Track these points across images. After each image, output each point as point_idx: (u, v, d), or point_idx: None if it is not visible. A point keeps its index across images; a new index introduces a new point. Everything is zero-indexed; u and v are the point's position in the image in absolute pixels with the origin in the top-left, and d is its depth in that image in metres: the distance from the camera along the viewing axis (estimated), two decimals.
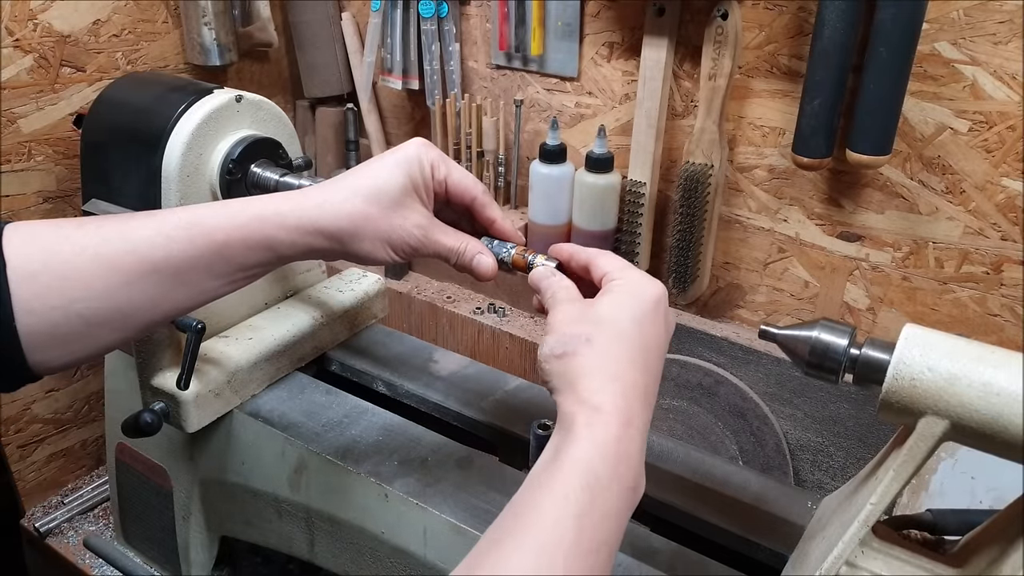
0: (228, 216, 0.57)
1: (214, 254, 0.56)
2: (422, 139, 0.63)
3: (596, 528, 0.45)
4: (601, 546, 0.45)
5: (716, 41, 1.07)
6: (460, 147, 1.31)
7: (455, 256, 0.63)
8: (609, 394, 0.49)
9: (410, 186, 0.60)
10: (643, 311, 0.54)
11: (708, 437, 1.15)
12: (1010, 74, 0.94)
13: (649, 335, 0.53)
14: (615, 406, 0.49)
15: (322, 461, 0.77)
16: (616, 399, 0.49)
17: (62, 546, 1.13)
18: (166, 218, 0.57)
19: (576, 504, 0.45)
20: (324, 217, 0.58)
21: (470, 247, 0.63)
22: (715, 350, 1.15)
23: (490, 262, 0.63)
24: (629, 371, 0.51)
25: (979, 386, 0.45)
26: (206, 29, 1.27)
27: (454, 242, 0.62)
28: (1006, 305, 1.03)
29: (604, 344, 0.51)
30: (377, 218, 0.59)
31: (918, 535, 0.58)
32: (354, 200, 0.59)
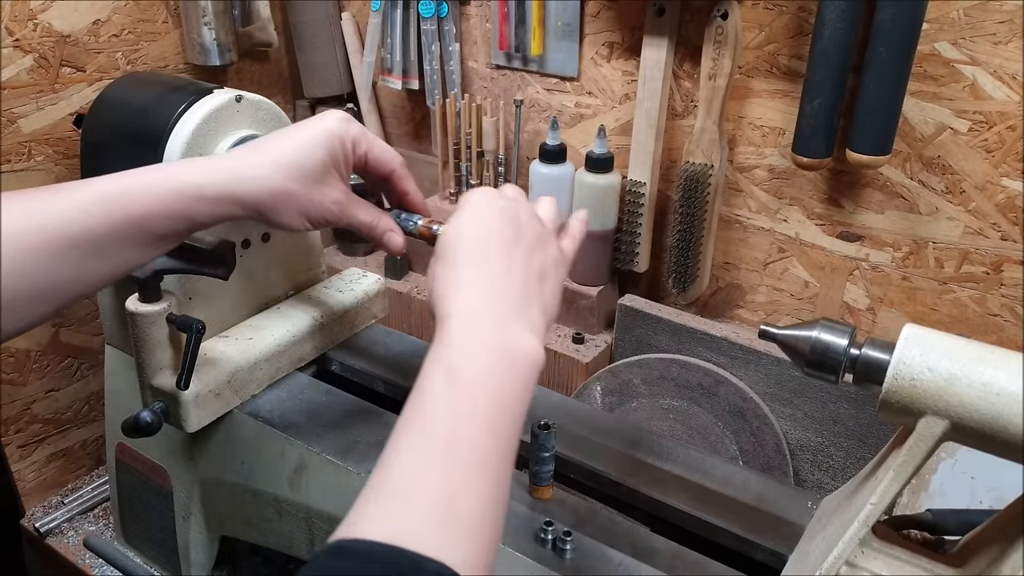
0: (146, 188, 0.58)
1: (133, 227, 0.57)
2: (342, 113, 0.65)
3: (470, 411, 0.46)
4: (476, 412, 0.46)
5: (716, 41, 1.07)
6: (460, 147, 1.31)
7: (368, 230, 0.67)
8: (445, 297, 0.53)
9: (330, 163, 0.63)
10: (466, 216, 0.57)
11: (708, 437, 1.15)
12: (1010, 74, 0.94)
13: (478, 232, 0.56)
14: (455, 308, 0.52)
15: (322, 461, 0.77)
16: (453, 301, 0.52)
17: (62, 546, 1.13)
18: (80, 191, 0.57)
19: (444, 396, 0.47)
20: (244, 191, 0.60)
21: (382, 223, 0.68)
22: (715, 350, 1.15)
23: (399, 239, 0.69)
24: (465, 272, 0.54)
25: (979, 386, 0.45)
26: (206, 29, 1.27)
27: (367, 217, 0.67)
28: (1006, 305, 1.03)
29: (440, 260, 0.56)
30: (297, 194, 0.61)
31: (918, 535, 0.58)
32: (274, 177, 0.60)
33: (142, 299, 0.78)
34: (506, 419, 0.48)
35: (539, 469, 0.71)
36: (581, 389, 1.22)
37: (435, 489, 0.42)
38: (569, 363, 1.23)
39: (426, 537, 0.40)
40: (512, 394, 0.49)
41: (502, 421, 0.47)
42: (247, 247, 0.88)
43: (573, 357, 1.22)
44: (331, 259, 1.49)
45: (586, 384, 1.22)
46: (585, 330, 1.28)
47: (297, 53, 1.48)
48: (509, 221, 0.57)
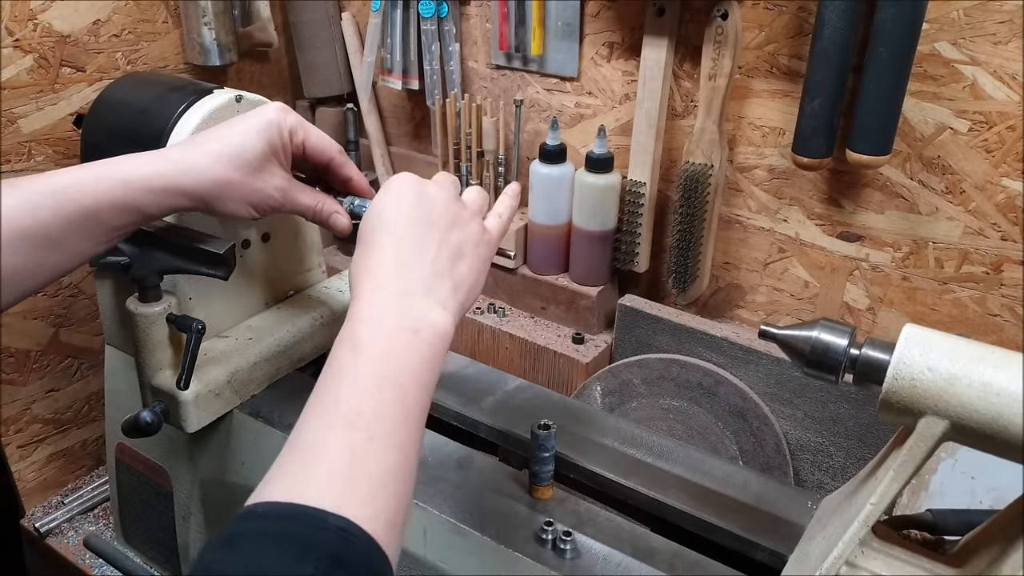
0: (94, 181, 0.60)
1: (85, 219, 0.59)
2: (280, 104, 0.67)
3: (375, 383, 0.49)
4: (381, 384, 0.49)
5: (716, 41, 1.07)
6: (460, 147, 1.31)
7: (312, 213, 0.70)
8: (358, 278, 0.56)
9: (269, 152, 0.65)
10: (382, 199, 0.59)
11: (708, 437, 1.15)
12: (1010, 74, 0.94)
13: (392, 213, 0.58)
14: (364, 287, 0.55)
15: None
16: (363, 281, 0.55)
17: (62, 546, 1.13)
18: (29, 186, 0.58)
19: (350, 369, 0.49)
20: (189, 182, 0.62)
21: (327, 206, 0.70)
22: (715, 350, 1.15)
23: (344, 220, 0.70)
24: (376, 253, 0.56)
25: (979, 386, 0.45)
26: (206, 29, 1.27)
27: (311, 200, 0.69)
28: (1006, 305, 1.03)
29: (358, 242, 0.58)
30: (240, 183, 0.64)
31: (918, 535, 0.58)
32: (216, 167, 0.63)
33: (142, 299, 0.78)
34: (411, 389, 0.50)
35: (539, 469, 0.71)
36: (581, 389, 1.22)
37: (338, 454, 0.45)
38: (569, 363, 1.23)
39: (329, 496, 0.43)
40: (416, 365, 0.51)
41: (406, 391, 0.49)
42: (247, 247, 0.88)
43: (573, 357, 1.22)
44: (331, 259, 1.49)
45: (586, 384, 1.22)
46: (585, 330, 1.28)
47: (297, 53, 1.48)
48: (423, 202, 0.59)
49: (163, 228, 0.77)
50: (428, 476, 0.74)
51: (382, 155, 1.52)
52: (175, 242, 0.76)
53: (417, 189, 0.60)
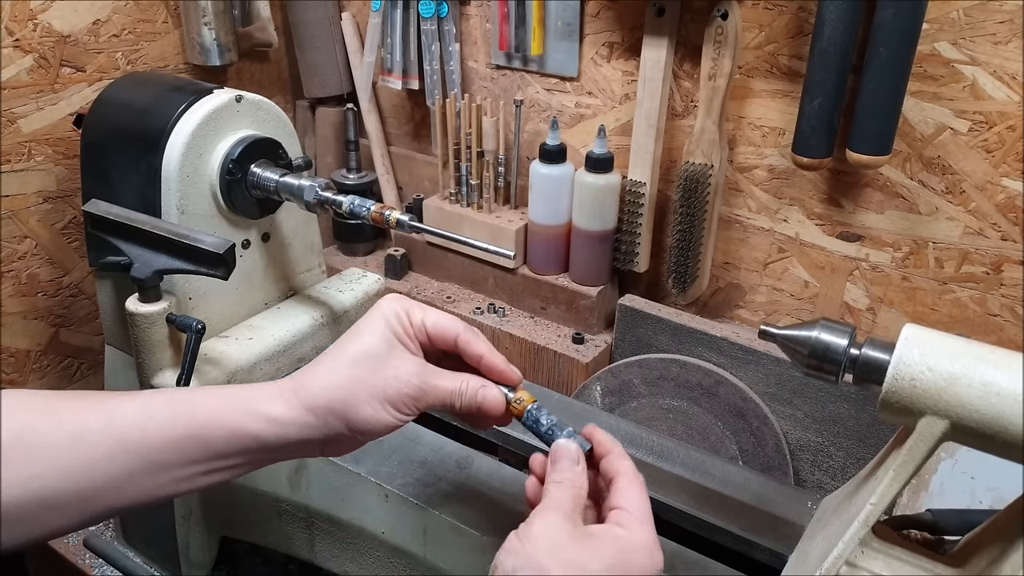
0: (214, 399, 0.55)
1: (192, 437, 0.53)
2: (392, 293, 0.61)
3: None
4: None
5: (716, 41, 1.07)
6: (460, 147, 1.31)
7: (458, 397, 0.58)
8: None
9: (393, 337, 0.57)
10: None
11: (708, 437, 1.15)
12: (1010, 74, 0.94)
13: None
14: None
15: (322, 461, 0.77)
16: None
17: (62, 546, 1.13)
18: (153, 395, 0.55)
19: None
20: (311, 395, 0.55)
21: (471, 384, 0.58)
22: (715, 350, 1.15)
23: (496, 393, 0.59)
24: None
25: (979, 386, 0.45)
26: (206, 29, 1.27)
27: (453, 383, 0.58)
28: (1006, 305, 1.03)
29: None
30: (366, 378, 0.55)
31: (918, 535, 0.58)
32: (339, 368, 0.56)
33: (142, 299, 0.78)
34: None
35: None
36: (581, 389, 1.22)
37: None
38: (569, 363, 1.23)
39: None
40: None
41: None
42: (247, 247, 0.88)
43: (573, 357, 1.22)
44: (331, 259, 1.49)
45: (586, 384, 1.22)
46: (585, 330, 1.28)
47: (297, 53, 1.48)
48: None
49: (163, 228, 0.77)
50: (428, 476, 0.74)
51: (382, 155, 1.52)
52: (175, 242, 0.76)
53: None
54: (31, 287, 1.18)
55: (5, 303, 1.16)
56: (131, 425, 0.52)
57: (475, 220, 1.32)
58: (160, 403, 0.54)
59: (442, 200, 1.38)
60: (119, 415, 0.52)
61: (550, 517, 0.50)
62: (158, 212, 0.81)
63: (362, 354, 0.56)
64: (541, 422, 0.57)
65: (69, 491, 0.50)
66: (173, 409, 0.53)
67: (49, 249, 1.19)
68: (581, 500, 0.53)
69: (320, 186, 0.83)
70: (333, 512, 0.78)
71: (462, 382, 0.58)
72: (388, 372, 0.56)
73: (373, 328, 0.57)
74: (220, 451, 0.54)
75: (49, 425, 0.51)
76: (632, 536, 0.50)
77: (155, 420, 0.53)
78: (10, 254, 1.15)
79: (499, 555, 0.49)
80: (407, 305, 0.59)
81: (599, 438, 0.57)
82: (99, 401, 0.53)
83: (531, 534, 0.49)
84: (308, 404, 0.55)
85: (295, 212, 0.92)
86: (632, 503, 0.52)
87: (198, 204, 0.82)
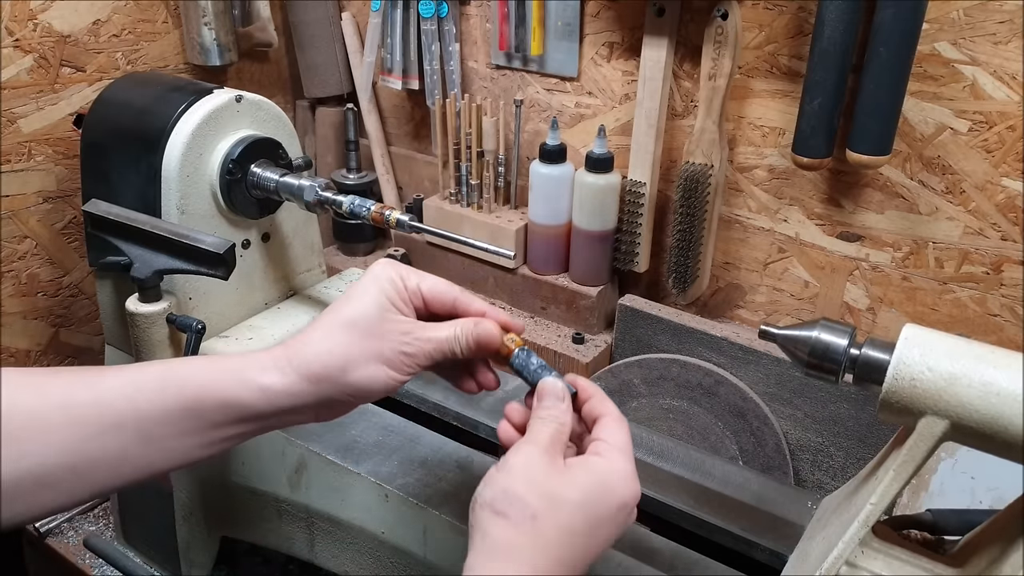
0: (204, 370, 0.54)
1: (184, 409, 0.52)
2: (385, 259, 0.60)
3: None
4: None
5: (716, 41, 1.07)
6: (460, 147, 1.31)
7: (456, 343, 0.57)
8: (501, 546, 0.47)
9: (386, 301, 0.57)
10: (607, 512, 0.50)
11: (708, 437, 1.15)
12: (1010, 74, 0.94)
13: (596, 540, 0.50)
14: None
15: (322, 461, 0.77)
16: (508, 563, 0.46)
17: (62, 546, 1.13)
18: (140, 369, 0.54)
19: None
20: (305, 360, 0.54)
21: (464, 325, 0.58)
22: (715, 350, 1.15)
23: (490, 324, 0.58)
24: (556, 569, 0.47)
25: (979, 386, 0.45)
26: (206, 29, 1.27)
27: (448, 331, 0.58)
28: (1006, 305, 1.03)
29: (547, 531, 0.48)
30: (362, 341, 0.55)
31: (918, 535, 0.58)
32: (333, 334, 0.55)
33: (142, 299, 0.78)
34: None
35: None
36: None
37: None
38: (569, 363, 1.23)
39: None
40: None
41: None
42: (247, 247, 0.88)
43: (573, 357, 1.22)
44: (331, 259, 1.49)
45: None
46: (585, 330, 1.28)
47: (297, 53, 1.48)
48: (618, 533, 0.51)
49: (163, 228, 0.77)
50: (428, 476, 0.74)
51: (382, 155, 1.52)
52: (175, 242, 0.76)
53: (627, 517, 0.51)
54: (31, 287, 1.18)
55: (5, 303, 1.16)
56: (120, 399, 0.51)
57: (475, 220, 1.32)
58: (149, 376, 0.53)
59: (442, 200, 1.38)
60: (107, 389, 0.52)
61: (528, 448, 0.51)
62: (158, 212, 0.81)
63: (356, 318, 0.55)
64: (531, 361, 0.58)
65: (63, 468, 0.50)
66: (163, 381, 0.53)
67: (49, 249, 1.19)
68: (563, 436, 0.53)
69: (320, 186, 0.83)
70: (333, 512, 0.78)
71: (456, 327, 0.58)
72: (383, 334, 0.55)
73: (366, 292, 0.57)
74: (214, 422, 0.53)
75: (36, 402, 0.50)
76: (609, 464, 0.51)
77: (145, 393, 0.52)
78: (10, 254, 1.15)
79: (478, 488, 0.50)
80: (401, 270, 0.58)
81: (582, 384, 0.57)
82: (84, 376, 0.52)
83: (508, 465, 0.50)
84: (302, 371, 0.54)
85: (295, 212, 0.92)
86: (612, 436, 0.53)
87: (198, 204, 0.82)
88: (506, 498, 0.48)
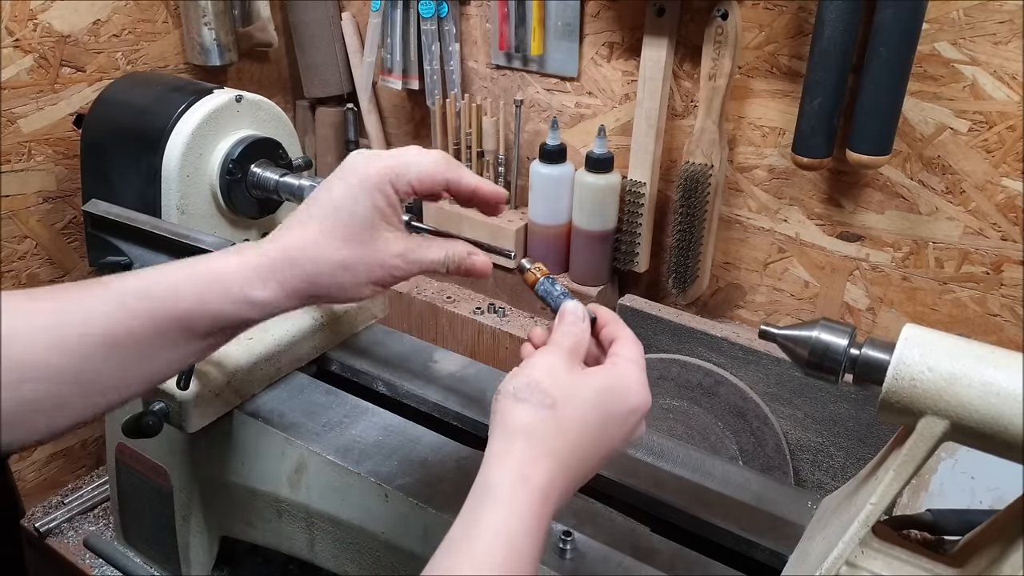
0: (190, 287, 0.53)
1: (177, 327, 0.53)
2: (363, 151, 0.58)
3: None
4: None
5: (716, 41, 1.07)
6: (460, 147, 1.31)
7: (443, 266, 0.59)
8: (542, 469, 0.48)
9: (376, 216, 0.55)
10: (619, 412, 0.53)
11: (708, 437, 1.15)
12: (1010, 74, 0.94)
13: (608, 437, 0.52)
14: (543, 481, 0.48)
15: (322, 461, 0.77)
16: (546, 475, 0.48)
17: (62, 546, 1.13)
18: (125, 288, 0.53)
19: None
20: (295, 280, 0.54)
21: (457, 251, 0.60)
22: (715, 350, 1.15)
23: (484, 260, 0.61)
24: (569, 456, 0.50)
25: (979, 386, 0.45)
26: (206, 29, 1.27)
27: (438, 253, 0.59)
28: (1006, 305, 1.03)
29: (564, 419, 0.50)
30: (353, 263, 0.55)
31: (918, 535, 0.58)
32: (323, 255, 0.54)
33: None
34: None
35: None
36: None
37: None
38: None
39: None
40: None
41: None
42: None
43: None
44: None
45: None
46: None
47: (297, 53, 1.48)
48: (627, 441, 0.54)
49: (163, 228, 0.77)
50: (428, 476, 0.74)
51: None
52: (175, 242, 0.76)
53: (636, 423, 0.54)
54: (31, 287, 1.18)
55: None
56: (114, 322, 0.51)
57: (475, 220, 1.32)
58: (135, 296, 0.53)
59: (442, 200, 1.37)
60: (97, 315, 0.51)
61: (550, 349, 0.54)
62: (158, 212, 0.81)
63: (347, 235, 0.55)
64: (555, 288, 0.61)
65: (68, 392, 0.51)
66: (151, 302, 0.53)
67: (49, 249, 1.19)
68: (582, 348, 0.56)
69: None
70: (333, 512, 0.78)
71: (447, 251, 0.59)
72: (374, 256, 0.55)
73: (356, 203, 0.55)
74: (206, 332, 0.54)
75: (25, 327, 0.50)
76: (624, 372, 0.54)
77: (138, 318, 0.52)
78: (10, 254, 1.15)
79: (501, 383, 0.52)
80: (391, 172, 0.56)
81: (602, 312, 0.60)
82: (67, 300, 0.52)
83: (531, 361, 0.53)
84: (290, 287, 0.54)
85: None
86: (627, 351, 0.56)
87: (198, 204, 0.82)
88: (528, 387, 0.51)
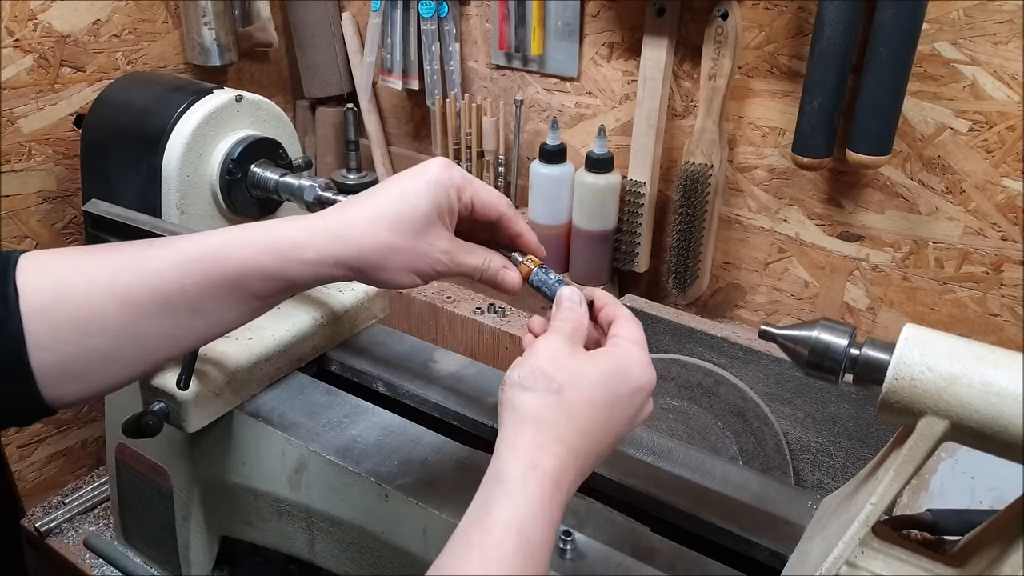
0: (243, 247, 0.56)
1: (229, 286, 0.55)
2: (443, 159, 0.61)
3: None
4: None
5: (716, 41, 1.07)
6: (460, 147, 1.31)
7: (479, 273, 0.62)
8: (552, 455, 0.49)
9: (435, 213, 0.58)
10: (624, 392, 0.54)
11: (708, 437, 1.15)
12: (1010, 74, 0.94)
13: (616, 418, 0.53)
14: (553, 468, 0.49)
15: (322, 461, 0.77)
16: (556, 461, 0.49)
17: (62, 546, 1.13)
18: (181, 248, 0.55)
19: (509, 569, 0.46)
20: (345, 250, 0.56)
21: (493, 262, 0.62)
22: (715, 350, 1.15)
23: (515, 275, 0.63)
24: (579, 440, 0.51)
25: (979, 386, 0.45)
26: (206, 29, 1.27)
27: (478, 260, 0.61)
28: (1006, 305, 1.03)
29: (571, 403, 0.51)
30: (402, 248, 0.57)
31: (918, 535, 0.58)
32: (377, 232, 0.57)
33: None
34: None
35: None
36: None
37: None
38: None
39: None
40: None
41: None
42: None
43: None
44: None
45: None
46: None
47: (297, 53, 1.48)
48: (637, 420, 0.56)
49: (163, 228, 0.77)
50: (428, 476, 0.74)
51: (382, 155, 1.52)
52: None
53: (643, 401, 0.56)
54: None
55: None
56: (169, 282, 0.53)
57: None
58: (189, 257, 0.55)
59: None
60: (153, 274, 0.53)
61: (551, 337, 0.55)
62: (158, 212, 0.81)
63: (401, 222, 0.57)
64: (549, 277, 0.63)
65: (126, 345, 0.53)
66: (204, 264, 0.54)
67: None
68: (582, 332, 0.57)
69: (320, 186, 0.83)
70: (333, 512, 0.78)
71: (485, 259, 0.62)
72: (422, 247, 0.58)
73: (418, 197, 0.58)
74: (257, 293, 0.57)
75: (83, 283, 0.52)
76: (626, 352, 0.56)
77: (191, 277, 0.54)
78: None
79: (507, 373, 0.54)
80: (458, 180, 0.60)
81: (599, 294, 0.62)
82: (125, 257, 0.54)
83: (534, 349, 0.54)
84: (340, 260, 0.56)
85: (295, 212, 0.92)
86: (627, 331, 0.57)
87: (198, 204, 0.82)
88: (533, 375, 0.52)
